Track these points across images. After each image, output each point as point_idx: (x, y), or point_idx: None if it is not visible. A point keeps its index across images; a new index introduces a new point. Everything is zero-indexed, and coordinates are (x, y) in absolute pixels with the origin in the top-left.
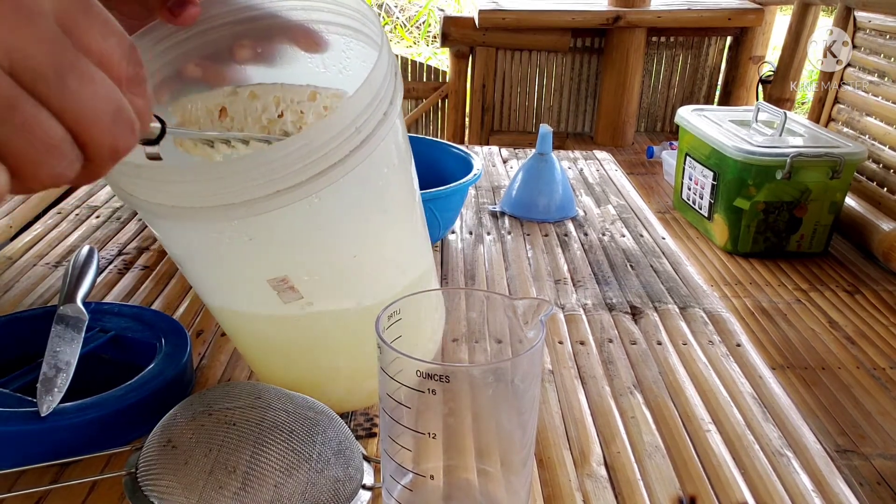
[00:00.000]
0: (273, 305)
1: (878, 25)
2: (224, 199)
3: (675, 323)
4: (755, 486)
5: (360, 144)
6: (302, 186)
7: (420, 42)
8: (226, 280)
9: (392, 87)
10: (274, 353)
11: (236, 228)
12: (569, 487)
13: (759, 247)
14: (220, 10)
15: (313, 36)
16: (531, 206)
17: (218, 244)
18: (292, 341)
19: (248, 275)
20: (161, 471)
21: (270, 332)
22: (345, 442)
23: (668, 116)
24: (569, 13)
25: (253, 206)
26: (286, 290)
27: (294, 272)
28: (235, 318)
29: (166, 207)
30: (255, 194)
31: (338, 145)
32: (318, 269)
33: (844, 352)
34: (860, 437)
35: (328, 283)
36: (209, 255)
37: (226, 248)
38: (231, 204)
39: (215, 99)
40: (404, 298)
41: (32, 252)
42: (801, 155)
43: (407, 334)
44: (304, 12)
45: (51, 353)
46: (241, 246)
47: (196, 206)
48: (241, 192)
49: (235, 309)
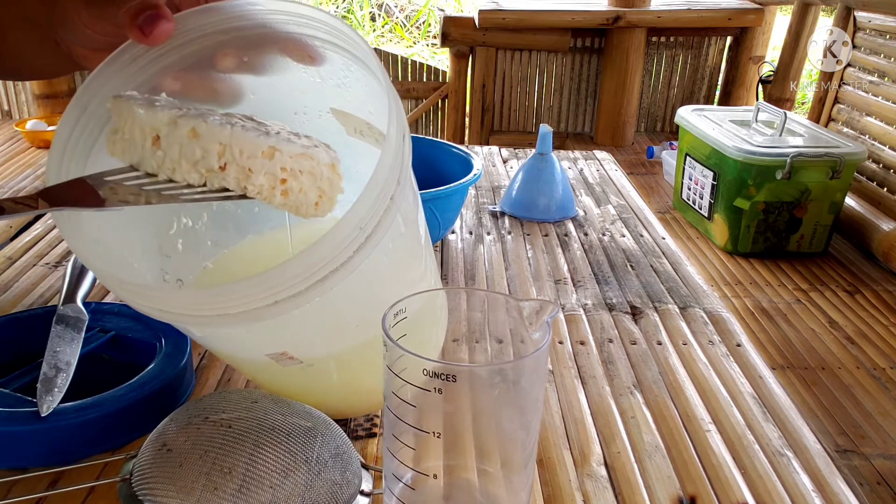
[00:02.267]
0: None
1: (878, 25)
2: (221, 311)
3: (675, 323)
4: (755, 486)
5: (364, 241)
6: (302, 295)
7: (420, 42)
8: (224, 348)
9: (401, 159)
10: (272, 383)
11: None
12: (569, 487)
13: (759, 247)
14: (202, 21)
15: (307, 48)
16: (531, 206)
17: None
18: (293, 377)
19: (247, 349)
20: (156, 475)
21: (270, 375)
22: (342, 447)
23: (668, 116)
24: (569, 13)
25: (251, 315)
26: (286, 360)
27: (294, 348)
28: (232, 360)
29: (170, 314)
30: (253, 305)
31: (341, 251)
32: (319, 342)
33: (844, 352)
34: (860, 437)
35: (329, 348)
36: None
37: (222, 335)
38: (227, 315)
39: (153, 121)
40: (409, 297)
41: (32, 252)
42: (801, 155)
43: (412, 333)
44: (297, 27)
45: (51, 353)
46: (241, 334)
47: (194, 315)
48: (238, 306)
49: (232, 356)
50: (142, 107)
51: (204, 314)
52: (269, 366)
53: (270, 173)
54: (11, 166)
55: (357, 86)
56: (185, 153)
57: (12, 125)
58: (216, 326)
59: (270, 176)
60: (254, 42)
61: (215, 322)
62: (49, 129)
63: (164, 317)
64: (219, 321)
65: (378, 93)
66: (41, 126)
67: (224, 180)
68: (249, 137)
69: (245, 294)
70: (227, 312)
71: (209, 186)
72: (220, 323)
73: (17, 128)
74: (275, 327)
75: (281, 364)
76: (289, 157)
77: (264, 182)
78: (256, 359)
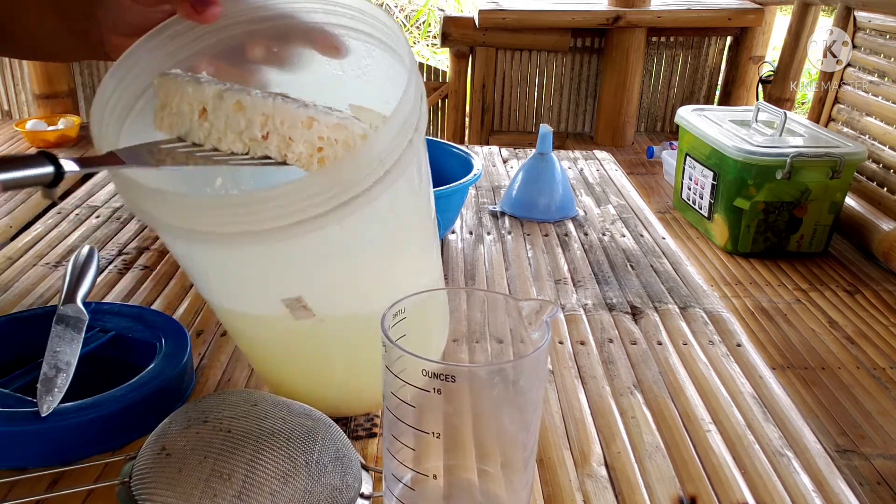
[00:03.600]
0: (283, 314)
1: (878, 25)
2: (243, 227)
3: (675, 323)
4: (755, 486)
5: (383, 175)
6: (322, 217)
7: (420, 42)
8: (239, 293)
9: (418, 112)
10: (277, 355)
11: (257, 251)
12: (569, 487)
13: (759, 247)
14: (237, 8)
15: (333, 40)
16: (531, 206)
17: (237, 264)
18: (299, 344)
19: (263, 291)
20: (155, 479)
21: (276, 337)
22: (342, 450)
23: (668, 116)
24: (569, 13)
25: (273, 234)
26: (299, 308)
27: (309, 293)
28: (242, 320)
29: (185, 230)
30: (275, 224)
31: (362, 178)
32: (334, 290)
33: (844, 352)
34: (860, 437)
35: (343, 302)
36: (224, 272)
37: (244, 267)
38: (250, 232)
39: (200, 95)
40: (409, 298)
41: (32, 252)
42: (801, 155)
43: (412, 333)
44: (324, 15)
45: (51, 353)
46: (260, 267)
47: (216, 232)
48: (261, 222)
49: (244, 311)
50: (189, 84)
51: (232, 230)
52: (277, 336)
53: (309, 142)
54: None
55: (377, 72)
56: (230, 124)
57: (12, 125)
58: (244, 245)
59: (309, 145)
60: (282, 33)
61: (245, 241)
62: (49, 129)
63: (194, 237)
64: (243, 240)
65: (396, 78)
66: (41, 126)
67: (266, 149)
68: (290, 109)
69: (271, 206)
70: (253, 229)
71: (252, 154)
72: (245, 242)
73: (17, 128)
74: (297, 264)
75: (295, 316)
76: (326, 128)
77: (303, 150)
78: (269, 314)
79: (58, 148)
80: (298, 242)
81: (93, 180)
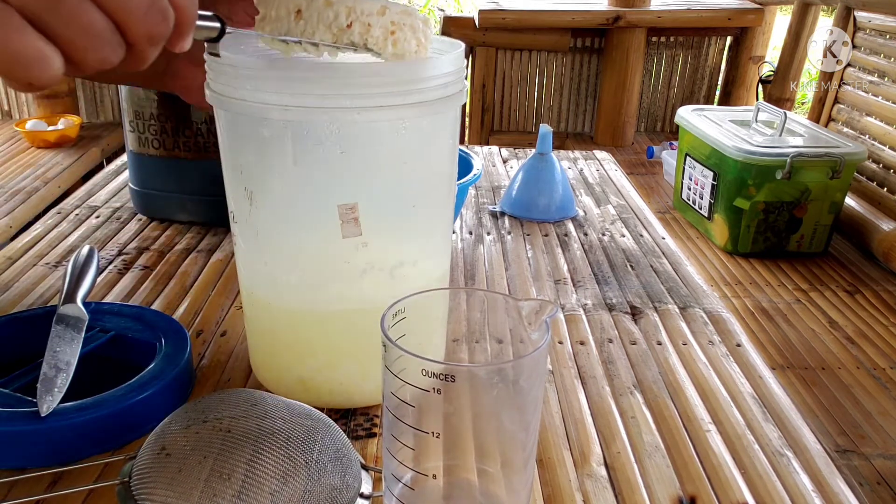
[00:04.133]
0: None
1: (878, 25)
2: (315, 102)
3: (675, 323)
4: (755, 486)
5: (445, 96)
6: (385, 109)
7: None
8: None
9: (461, 83)
10: (287, 340)
11: (333, 138)
12: (569, 487)
13: (759, 247)
14: None
15: None
16: (531, 206)
17: (313, 152)
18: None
19: (324, 196)
20: (155, 479)
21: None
22: (342, 450)
23: (668, 116)
24: (569, 13)
25: (344, 113)
26: (351, 220)
27: (365, 201)
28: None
29: (279, 107)
30: (344, 104)
31: (427, 86)
32: (385, 207)
33: (844, 352)
34: (860, 437)
35: (387, 229)
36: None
37: (319, 157)
38: (322, 108)
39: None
40: (409, 297)
41: (32, 252)
42: (801, 155)
43: (412, 333)
44: None
45: (51, 353)
46: (331, 158)
47: (300, 106)
48: (332, 99)
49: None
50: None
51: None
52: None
53: (383, 27)
54: (11, 166)
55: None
56: (321, 18)
57: (12, 125)
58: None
59: (383, 29)
60: None
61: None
62: (49, 128)
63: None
64: (318, 114)
65: None
66: (41, 126)
67: (350, 35)
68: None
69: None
70: (323, 105)
71: (339, 43)
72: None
73: (17, 128)
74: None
75: (344, 233)
76: (396, 14)
77: (379, 35)
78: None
79: (58, 148)
80: (368, 136)
81: (93, 180)
